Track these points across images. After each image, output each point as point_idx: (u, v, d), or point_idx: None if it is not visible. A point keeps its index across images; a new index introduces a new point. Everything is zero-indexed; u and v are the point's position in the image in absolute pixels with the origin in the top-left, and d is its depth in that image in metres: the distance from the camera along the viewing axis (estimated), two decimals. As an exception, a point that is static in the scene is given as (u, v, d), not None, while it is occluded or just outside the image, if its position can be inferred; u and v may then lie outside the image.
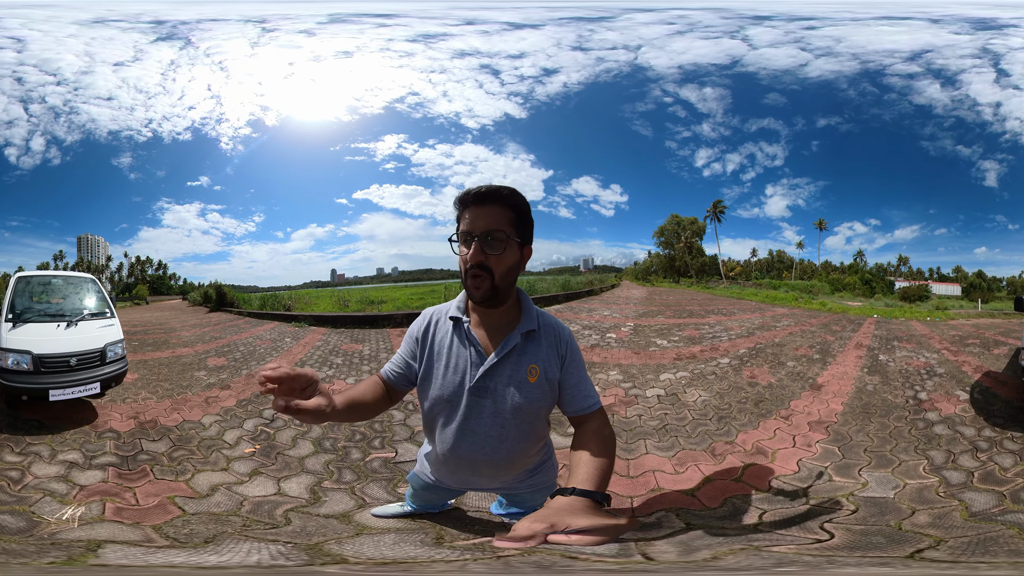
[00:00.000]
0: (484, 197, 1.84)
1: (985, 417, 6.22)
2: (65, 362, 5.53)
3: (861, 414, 6.59)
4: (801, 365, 9.27)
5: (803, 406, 6.98)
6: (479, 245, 1.81)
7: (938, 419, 6.26)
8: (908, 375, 8.54)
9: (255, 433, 5.38)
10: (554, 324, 2.09)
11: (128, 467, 4.31)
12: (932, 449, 5.33)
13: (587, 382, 2.07)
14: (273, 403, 1.56)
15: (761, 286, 32.64)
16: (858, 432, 5.89)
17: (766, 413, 6.76)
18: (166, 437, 5.14)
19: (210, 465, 4.53)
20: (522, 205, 1.90)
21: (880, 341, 12.04)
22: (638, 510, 3.92)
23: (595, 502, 1.49)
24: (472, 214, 1.85)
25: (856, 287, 30.98)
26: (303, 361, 9.35)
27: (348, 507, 3.69)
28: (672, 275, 39.19)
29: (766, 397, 7.44)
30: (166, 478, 4.15)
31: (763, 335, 12.76)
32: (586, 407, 2.02)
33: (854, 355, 10.20)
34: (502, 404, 1.99)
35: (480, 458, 2.07)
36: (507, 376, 1.99)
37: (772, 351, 10.60)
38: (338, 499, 3.82)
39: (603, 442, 1.84)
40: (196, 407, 6.20)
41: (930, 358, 9.87)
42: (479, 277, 1.83)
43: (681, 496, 4.26)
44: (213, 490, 3.97)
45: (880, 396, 7.36)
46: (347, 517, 3.53)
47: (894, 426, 6.05)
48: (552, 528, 1.25)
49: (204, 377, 7.81)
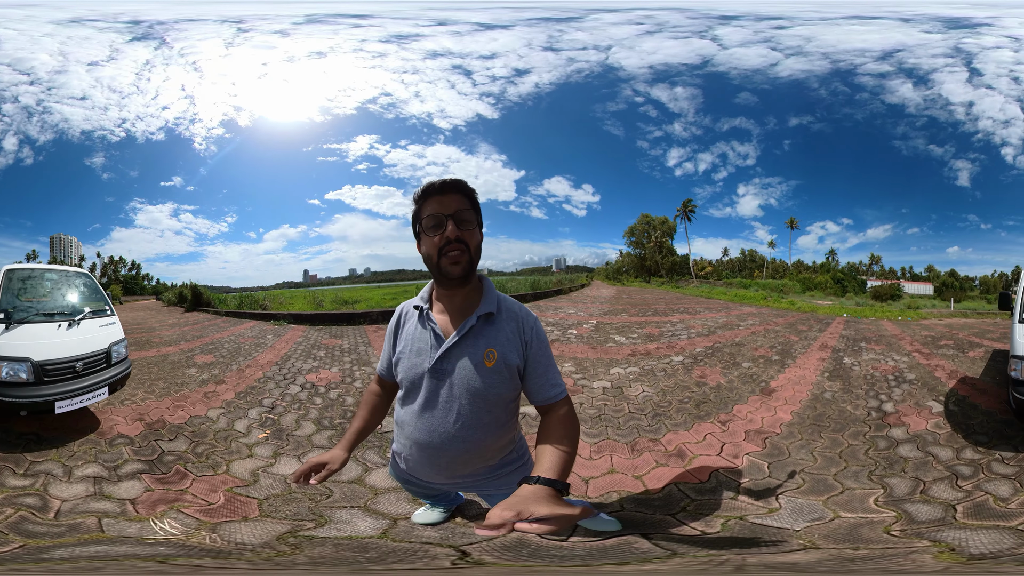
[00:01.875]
0: (448, 186, 1.94)
1: (964, 434, 5.22)
2: (71, 368, 4.85)
3: (811, 427, 5.64)
4: (757, 367, 8.39)
5: (747, 412, 6.12)
6: (454, 223, 1.90)
7: (905, 437, 5.25)
8: (873, 381, 7.63)
9: (261, 420, 5.51)
10: (518, 310, 2.09)
11: (161, 471, 4.16)
12: (893, 476, 4.31)
13: (553, 371, 2.06)
14: (297, 479, 2.08)
15: (731, 285, 31.88)
16: (800, 448, 5.01)
17: (704, 415, 5.97)
18: (180, 435, 5.04)
19: (236, 454, 4.58)
20: (474, 193, 2.01)
21: (847, 342, 11.21)
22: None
23: (556, 491, 1.52)
24: (438, 202, 1.94)
25: (828, 286, 30.36)
26: (287, 356, 9.27)
27: (359, 473, 4.15)
28: (643, 275, 38.70)
29: (710, 399, 6.63)
30: (207, 474, 4.15)
31: (724, 334, 11.93)
32: (552, 396, 2.01)
33: (816, 357, 9.32)
34: (459, 388, 2.00)
35: (435, 442, 2.07)
36: (464, 359, 2.00)
37: (730, 351, 9.74)
38: (349, 467, 4.13)
39: (567, 431, 1.87)
40: (198, 403, 6.13)
41: (900, 361, 9.08)
42: (458, 251, 1.91)
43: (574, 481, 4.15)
44: (255, 475, 4.13)
45: (838, 406, 6.40)
46: (361, 481, 4.00)
47: (848, 444, 5.11)
48: (519, 516, 1.33)
49: (196, 374, 7.72)
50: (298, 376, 7.67)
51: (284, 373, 7.89)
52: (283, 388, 6.96)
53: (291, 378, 7.56)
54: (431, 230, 1.95)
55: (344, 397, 6.56)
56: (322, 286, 34.20)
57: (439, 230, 1.93)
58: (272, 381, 7.34)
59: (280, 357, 9.12)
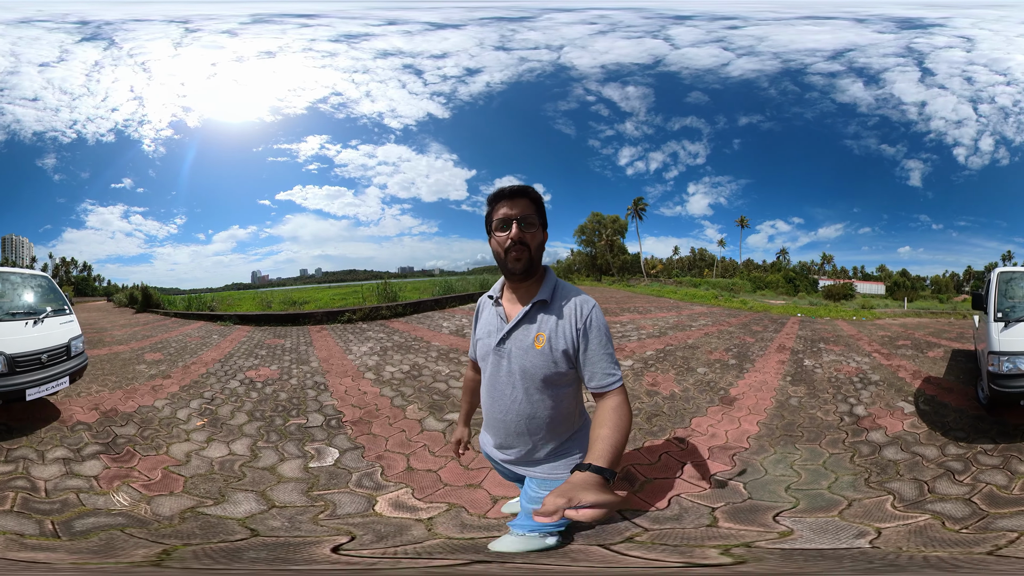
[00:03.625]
0: (517, 192, 2.08)
1: (942, 432, 5.06)
2: (37, 359, 5.37)
3: (782, 438, 4.85)
4: (714, 372, 7.45)
5: (707, 425, 5.17)
6: (519, 226, 2.05)
7: (885, 439, 4.89)
8: (839, 384, 6.98)
9: (200, 410, 5.88)
10: (577, 298, 2.13)
11: (115, 451, 4.55)
12: (892, 480, 3.99)
13: (608, 360, 2.06)
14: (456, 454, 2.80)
15: (682, 284, 31.46)
16: (777, 463, 4.30)
17: (657, 431, 5.01)
18: (131, 422, 5.43)
19: (175, 439, 4.93)
20: (540, 198, 2.15)
21: (805, 343, 10.53)
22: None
23: (604, 478, 1.55)
24: (508, 205, 2.07)
25: (779, 285, 30.17)
26: (231, 354, 9.53)
27: (275, 461, 4.38)
28: (594, 273, 38.26)
29: (663, 411, 5.63)
30: (151, 454, 4.51)
31: (676, 335, 11.05)
32: (606, 385, 2.02)
33: (775, 360, 8.49)
34: (515, 365, 2.16)
35: (500, 414, 2.26)
36: (519, 340, 2.14)
37: (683, 354, 8.79)
38: (268, 455, 4.50)
39: (619, 420, 1.89)
40: (146, 394, 6.50)
41: (861, 363, 8.57)
42: (519, 251, 2.05)
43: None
44: (188, 457, 4.46)
45: (807, 412, 5.61)
46: (273, 469, 4.21)
47: (829, 453, 4.55)
48: (569, 503, 1.35)
49: (145, 370, 8.03)
50: (238, 372, 7.85)
51: (226, 370, 8.08)
52: (223, 383, 7.18)
53: (232, 374, 7.74)
54: (499, 231, 2.08)
55: (279, 392, 6.59)
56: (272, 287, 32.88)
57: (506, 231, 2.07)
58: (214, 376, 7.57)
59: (224, 355, 9.42)
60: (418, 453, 4.50)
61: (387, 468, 4.18)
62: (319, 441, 4.80)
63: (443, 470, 4.13)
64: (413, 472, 4.11)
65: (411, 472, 4.11)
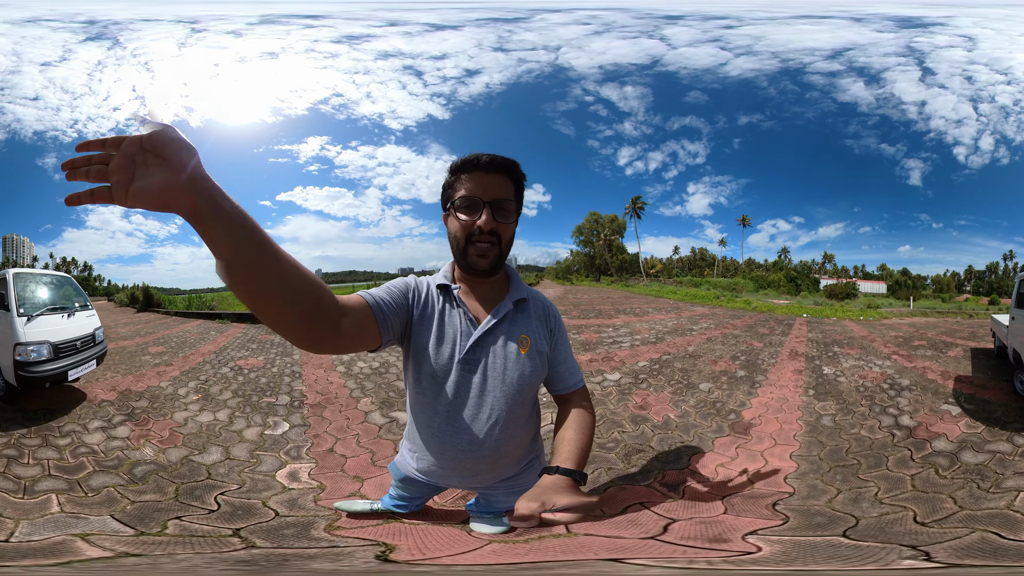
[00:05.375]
0: (495, 165, 1.65)
1: (1000, 427, 4.74)
2: (73, 346, 6.16)
3: (836, 469, 3.79)
4: (720, 388, 6.21)
5: (715, 465, 3.90)
6: (491, 212, 1.63)
7: (953, 446, 4.31)
8: (871, 394, 5.97)
9: (196, 389, 6.64)
10: (541, 297, 1.93)
11: (135, 419, 5.32)
12: (1005, 479, 3.59)
13: (573, 359, 1.93)
14: (75, 198, 0.96)
15: (682, 284, 30.34)
16: (855, 502, 3.32)
17: (639, 476, 3.76)
18: (143, 398, 6.17)
19: (177, 408, 5.73)
20: (522, 179, 1.74)
21: (818, 347, 9.41)
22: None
23: (574, 480, 1.45)
24: (479, 180, 1.64)
25: (781, 284, 29.09)
26: (225, 347, 10.13)
27: (242, 427, 5.10)
28: (593, 273, 37.23)
29: (649, 446, 4.30)
30: (160, 419, 5.32)
31: (674, 341, 9.86)
32: (572, 384, 1.88)
33: (791, 369, 7.31)
34: (493, 378, 1.73)
35: (462, 444, 1.77)
36: (498, 347, 1.75)
37: (681, 364, 7.57)
38: (239, 422, 5.23)
39: (586, 421, 1.77)
40: (153, 378, 7.25)
41: (885, 367, 7.65)
42: (488, 243, 1.66)
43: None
44: (185, 421, 5.26)
45: (849, 433, 4.54)
46: (240, 432, 4.91)
47: (906, 475, 3.75)
48: (543, 507, 1.22)
49: (150, 360, 8.77)
50: (230, 361, 8.57)
51: (220, 359, 8.78)
52: (216, 369, 7.92)
53: (224, 362, 8.46)
54: (463, 212, 1.64)
55: (260, 378, 7.22)
56: (272, 287, 32.10)
57: (473, 215, 1.63)
58: (209, 364, 8.31)
59: (219, 348, 10.09)
60: (346, 440, 4.70)
61: (314, 445, 4.56)
62: (279, 416, 5.40)
63: (353, 459, 4.27)
64: (330, 454, 4.36)
65: (328, 453, 4.37)
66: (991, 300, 26.20)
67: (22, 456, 4.29)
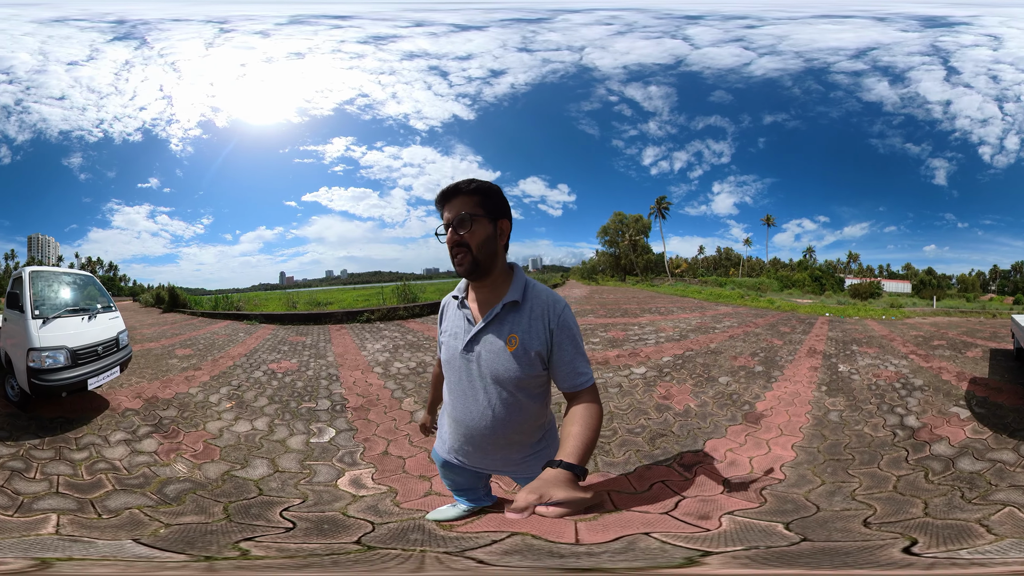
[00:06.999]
0: (449, 193, 1.99)
1: (1008, 433, 4.56)
2: (94, 351, 5.60)
3: (829, 463, 4.03)
4: (737, 382, 6.59)
5: (725, 450, 4.31)
6: (453, 229, 1.96)
7: (953, 451, 4.24)
8: (881, 392, 6.14)
9: (229, 395, 6.34)
10: (548, 298, 2.06)
11: (163, 431, 4.98)
12: (992, 492, 3.44)
13: (580, 359, 2.01)
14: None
15: (707, 283, 30.35)
16: (832, 495, 3.48)
17: (659, 455, 4.20)
18: (171, 406, 5.83)
19: (209, 418, 5.43)
20: (483, 188, 1.98)
21: (837, 345, 9.61)
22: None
23: (575, 475, 1.55)
24: (444, 208, 2.01)
25: (806, 284, 28.92)
26: (255, 349, 9.96)
27: (285, 435, 4.90)
28: (619, 273, 37.27)
29: (672, 431, 4.78)
30: (191, 431, 5.00)
31: (697, 339, 10.17)
32: (578, 384, 1.98)
33: (807, 366, 7.60)
34: (484, 369, 2.05)
35: (469, 421, 2.14)
36: (489, 343, 2.04)
37: (703, 360, 7.94)
38: (281, 431, 5.02)
39: (590, 418, 1.86)
40: (181, 384, 6.92)
41: (900, 366, 7.74)
42: (460, 254, 1.97)
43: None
44: (221, 432, 4.98)
45: (852, 429, 4.79)
46: (283, 442, 4.72)
47: (895, 475, 3.83)
48: (540, 499, 1.35)
49: (177, 363, 8.41)
50: (262, 365, 8.26)
51: (251, 362, 8.50)
52: (248, 373, 7.62)
53: (256, 366, 8.16)
54: (443, 235, 2.04)
55: (296, 381, 7.03)
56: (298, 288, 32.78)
57: (447, 236, 2.02)
58: (240, 368, 7.98)
59: (249, 350, 9.79)
60: (399, 441, 4.71)
61: (367, 449, 4.51)
62: (323, 422, 5.25)
63: (411, 459, 4.28)
64: (386, 456, 4.35)
65: (384, 456, 4.36)
66: (1016, 300, 25.72)
67: (28, 470, 3.93)
